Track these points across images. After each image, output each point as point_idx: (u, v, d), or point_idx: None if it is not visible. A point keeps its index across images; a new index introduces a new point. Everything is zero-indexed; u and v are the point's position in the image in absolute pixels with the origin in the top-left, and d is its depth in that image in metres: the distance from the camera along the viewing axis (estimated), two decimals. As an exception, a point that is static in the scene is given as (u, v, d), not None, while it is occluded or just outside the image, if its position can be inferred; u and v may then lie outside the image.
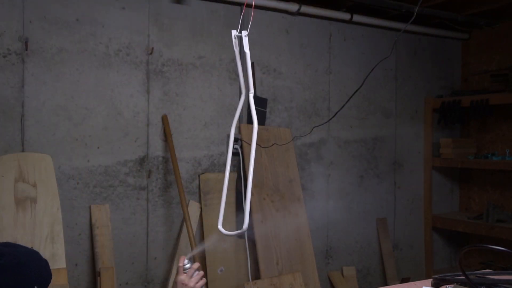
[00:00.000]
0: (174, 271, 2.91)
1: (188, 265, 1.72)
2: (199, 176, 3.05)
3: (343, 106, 2.24)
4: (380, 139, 3.81)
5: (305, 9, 3.31)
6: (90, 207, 2.73)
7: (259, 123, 1.46)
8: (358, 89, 2.40)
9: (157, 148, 2.92)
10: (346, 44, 3.63)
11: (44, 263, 1.32)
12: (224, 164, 3.15)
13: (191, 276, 1.70)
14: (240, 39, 1.48)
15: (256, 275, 3.09)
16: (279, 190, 3.21)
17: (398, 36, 2.44)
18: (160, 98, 2.93)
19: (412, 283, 1.51)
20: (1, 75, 2.51)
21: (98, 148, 2.75)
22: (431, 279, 1.34)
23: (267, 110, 3.30)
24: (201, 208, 3.02)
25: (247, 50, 1.44)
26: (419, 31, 3.87)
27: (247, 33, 1.46)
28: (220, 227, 1.49)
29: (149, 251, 2.92)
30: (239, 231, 1.48)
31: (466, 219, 3.77)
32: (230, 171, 3.11)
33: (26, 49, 2.56)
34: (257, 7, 3.15)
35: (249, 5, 3.03)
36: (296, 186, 3.31)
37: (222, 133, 3.13)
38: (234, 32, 1.48)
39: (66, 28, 2.66)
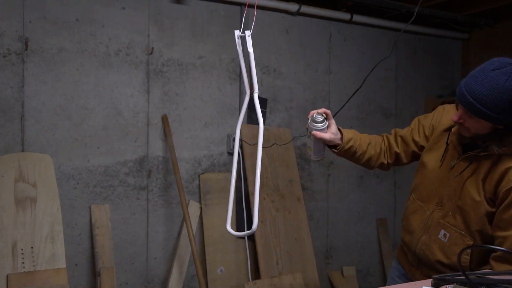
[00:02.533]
0: (174, 271, 2.91)
1: (320, 119, 1.85)
2: (199, 176, 3.05)
3: (343, 106, 2.24)
4: None
5: (305, 9, 3.31)
6: (90, 207, 2.73)
7: (259, 123, 1.46)
8: (358, 89, 2.40)
9: (157, 148, 2.92)
10: (346, 44, 3.63)
11: None
12: (224, 164, 3.15)
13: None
14: (243, 39, 1.47)
15: (256, 275, 3.09)
16: (279, 190, 3.21)
17: (398, 36, 2.44)
18: (160, 98, 2.93)
19: (412, 283, 1.51)
20: (1, 75, 2.51)
21: (98, 148, 2.75)
22: (431, 279, 1.33)
23: (267, 110, 3.30)
24: (201, 208, 3.02)
25: (250, 50, 1.43)
26: (419, 31, 3.87)
27: (250, 33, 1.45)
28: (228, 227, 1.48)
29: (149, 251, 2.92)
30: (248, 231, 1.47)
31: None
32: (229, 171, 3.11)
33: (26, 49, 2.56)
34: (257, 7, 3.15)
35: (250, 5, 3.03)
36: (296, 186, 3.31)
37: (222, 133, 3.13)
38: (237, 32, 1.47)
39: (66, 28, 2.66)
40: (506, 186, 1.65)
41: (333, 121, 1.87)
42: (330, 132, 1.87)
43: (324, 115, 1.84)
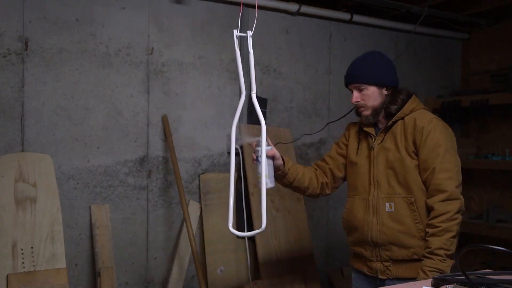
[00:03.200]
0: (174, 271, 2.91)
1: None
2: (199, 176, 3.05)
3: (352, 110, 2.23)
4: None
5: (305, 9, 3.31)
6: (90, 207, 2.73)
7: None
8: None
9: (157, 148, 2.92)
10: (346, 44, 3.63)
11: None
12: (224, 164, 3.15)
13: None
14: (241, 39, 1.47)
15: (256, 275, 3.09)
16: (279, 190, 3.21)
17: (409, 38, 2.44)
18: (160, 98, 2.93)
19: (412, 283, 1.52)
20: (1, 75, 2.51)
21: (98, 148, 2.75)
22: (431, 279, 1.34)
23: (267, 110, 3.30)
24: (201, 208, 3.02)
25: (251, 50, 1.44)
26: (419, 31, 3.87)
27: (251, 33, 1.45)
28: (231, 228, 1.47)
29: (149, 251, 2.92)
30: (257, 231, 1.47)
31: (466, 219, 3.76)
32: (229, 171, 3.11)
33: (26, 49, 2.56)
34: (257, 7, 3.15)
35: (249, 5, 3.03)
36: (296, 186, 3.30)
37: (222, 133, 3.13)
38: (236, 32, 1.47)
39: (66, 28, 2.66)
40: (417, 131, 1.96)
41: (272, 145, 2.03)
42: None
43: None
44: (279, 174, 2.08)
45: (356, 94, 2.07)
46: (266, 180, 1.91)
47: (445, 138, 1.96)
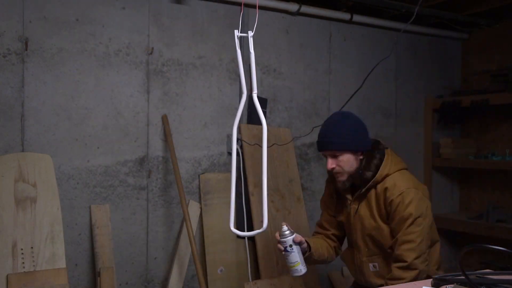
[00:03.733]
0: (174, 271, 2.91)
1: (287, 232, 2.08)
2: (199, 176, 3.05)
3: (343, 107, 2.25)
4: (380, 139, 3.79)
5: (305, 9, 3.31)
6: (90, 207, 2.73)
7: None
8: (358, 89, 2.41)
9: (157, 148, 2.92)
10: (346, 44, 3.63)
11: None
12: (224, 164, 3.15)
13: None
14: (241, 39, 1.47)
15: (256, 275, 3.09)
16: (279, 190, 3.21)
17: (398, 36, 2.44)
18: (160, 98, 2.93)
19: (412, 283, 1.52)
20: (1, 75, 2.51)
21: (98, 148, 2.75)
22: (431, 279, 1.34)
23: (267, 110, 3.30)
24: (201, 208, 3.02)
25: (252, 50, 1.44)
26: (419, 31, 3.87)
27: (252, 33, 1.46)
28: (232, 228, 1.47)
29: (149, 251, 2.92)
30: (258, 230, 1.48)
31: (466, 219, 3.76)
32: (229, 171, 3.11)
33: (26, 49, 2.56)
34: (258, 7, 3.15)
35: (249, 5, 3.02)
36: (296, 186, 3.31)
37: (222, 133, 3.13)
38: (236, 32, 1.48)
39: (66, 28, 2.66)
40: (387, 201, 2.05)
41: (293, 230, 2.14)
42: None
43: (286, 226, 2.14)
44: (306, 257, 2.17)
45: (331, 160, 2.09)
46: (301, 267, 2.09)
47: (415, 207, 2.02)
